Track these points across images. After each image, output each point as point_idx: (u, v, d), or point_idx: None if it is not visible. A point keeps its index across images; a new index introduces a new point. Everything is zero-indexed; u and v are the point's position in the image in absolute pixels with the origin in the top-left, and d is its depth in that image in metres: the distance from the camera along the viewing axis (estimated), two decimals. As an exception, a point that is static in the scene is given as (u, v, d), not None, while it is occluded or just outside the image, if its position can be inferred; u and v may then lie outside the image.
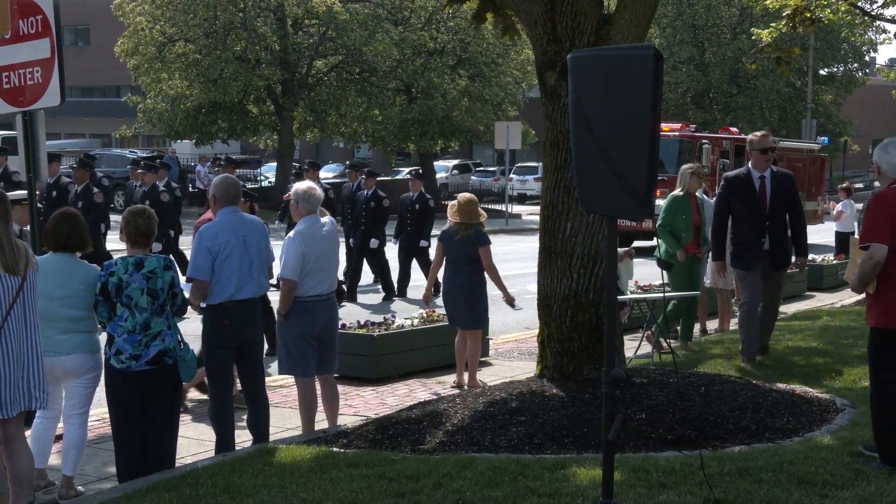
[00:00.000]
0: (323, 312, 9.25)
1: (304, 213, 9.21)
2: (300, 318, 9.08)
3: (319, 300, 9.17)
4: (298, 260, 8.94)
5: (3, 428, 6.76)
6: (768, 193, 11.15)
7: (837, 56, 54.46)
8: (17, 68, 9.39)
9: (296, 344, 9.11)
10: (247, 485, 7.20)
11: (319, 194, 9.48)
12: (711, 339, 13.61)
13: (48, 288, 7.40)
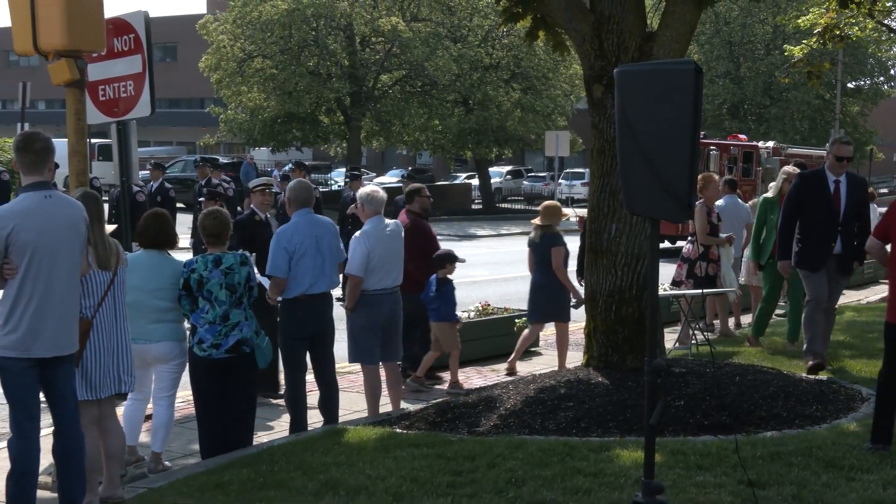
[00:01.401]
0: (388, 305, 9.30)
1: (371, 214, 9.28)
2: (367, 310, 9.13)
3: (384, 293, 9.23)
4: (364, 257, 9.00)
5: (96, 408, 6.85)
6: (843, 196, 10.25)
7: (864, 70, 53.88)
8: (112, 82, 9.48)
9: (362, 334, 9.16)
10: (318, 462, 7.23)
11: (382, 196, 9.53)
12: (746, 333, 13.47)
13: (140, 281, 7.49)
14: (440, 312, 10.55)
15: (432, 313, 10.64)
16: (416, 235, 10.74)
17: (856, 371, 10.31)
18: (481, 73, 41.27)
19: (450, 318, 10.66)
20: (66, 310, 6.23)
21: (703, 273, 12.73)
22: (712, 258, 12.76)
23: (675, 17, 9.21)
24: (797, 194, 10.30)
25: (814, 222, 10.17)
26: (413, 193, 11.47)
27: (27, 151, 6.25)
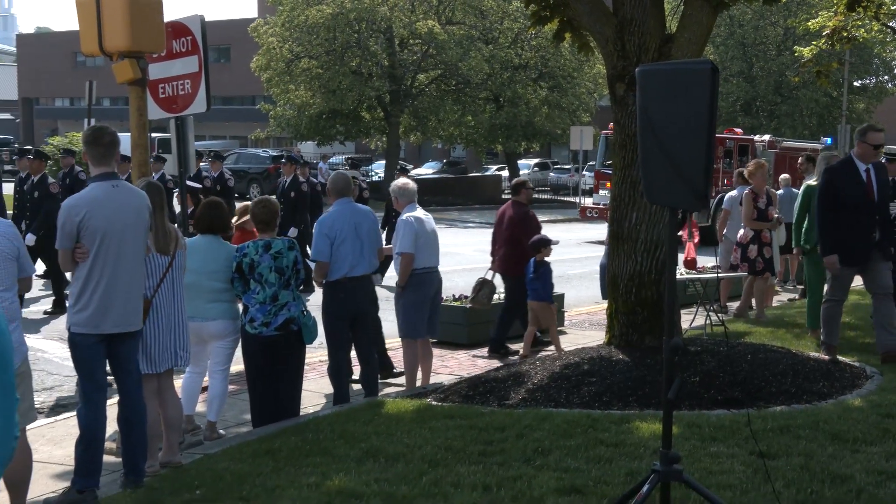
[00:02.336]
0: (433, 282, 9.38)
1: (406, 203, 9.35)
2: (417, 288, 9.18)
3: (431, 272, 9.32)
4: (413, 237, 9.08)
5: (156, 381, 6.91)
6: (874, 184, 9.55)
7: (869, 69, 53.28)
8: (171, 81, 9.52)
9: (413, 308, 9.19)
10: (359, 431, 7.27)
11: (413, 187, 9.63)
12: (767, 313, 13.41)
13: (197, 264, 7.54)
14: (539, 293, 10.77)
15: (532, 293, 10.89)
16: (523, 223, 11.17)
17: (860, 351, 10.23)
18: (511, 72, 41.19)
19: (547, 297, 10.89)
20: (132, 290, 6.28)
21: (756, 255, 12.63)
22: (765, 241, 12.65)
23: (692, 20, 9.18)
24: (831, 187, 9.55)
25: (852, 214, 9.44)
26: (519, 186, 11.79)
27: (96, 144, 6.31)
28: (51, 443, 7.69)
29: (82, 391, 6.28)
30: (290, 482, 6.12)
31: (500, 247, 11.52)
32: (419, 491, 5.90)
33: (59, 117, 72.68)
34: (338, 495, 5.83)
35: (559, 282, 13.51)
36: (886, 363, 9.28)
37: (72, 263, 6.17)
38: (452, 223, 32.16)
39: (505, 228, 11.42)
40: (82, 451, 6.16)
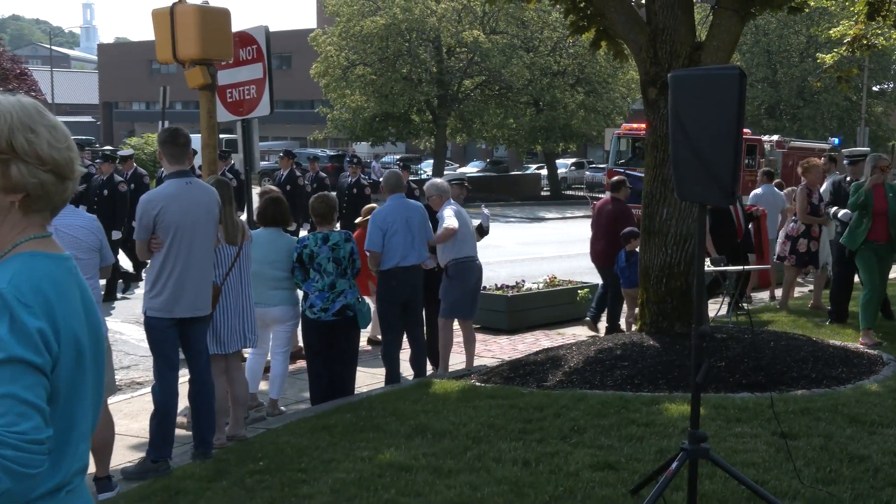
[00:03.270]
0: (475, 270, 9.39)
1: (442, 201, 9.35)
2: (462, 274, 9.19)
3: (472, 260, 9.35)
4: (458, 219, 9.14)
5: (224, 361, 6.97)
6: None
7: (888, 75, 52.46)
8: (238, 86, 9.60)
9: (455, 292, 9.19)
10: (409, 409, 7.29)
11: (447, 186, 9.64)
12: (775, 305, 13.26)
13: (261, 254, 7.59)
14: (631, 280, 10.75)
15: (625, 281, 10.99)
16: (622, 218, 11.35)
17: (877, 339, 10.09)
18: (550, 78, 41.03)
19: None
20: (202, 278, 6.34)
21: (805, 249, 12.43)
22: (814, 236, 12.43)
23: (720, 28, 9.09)
24: None
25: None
26: (619, 184, 11.88)
27: (172, 144, 6.37)
28: (127, 417, 7.79)
29: (156, 370, 6.35)
30: (344, 455, 6.15)
31: (598, 240, 11.56)
32: (464, 465, 5.91)
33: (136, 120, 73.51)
34: (388, 468, 5.85)
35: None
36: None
37: (148, 253, 6.24)
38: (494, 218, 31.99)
39: (604, 223, 11.46)
40: (156, 425, 6.23)
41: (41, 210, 2.24)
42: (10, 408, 1.98)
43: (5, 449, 1.95)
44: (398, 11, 38.78)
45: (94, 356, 2.24)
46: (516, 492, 5.40)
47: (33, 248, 2.19)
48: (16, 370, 2.00)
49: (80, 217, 6.02)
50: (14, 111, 2.18)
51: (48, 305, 2.09)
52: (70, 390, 2.15)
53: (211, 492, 5.60)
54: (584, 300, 12.65)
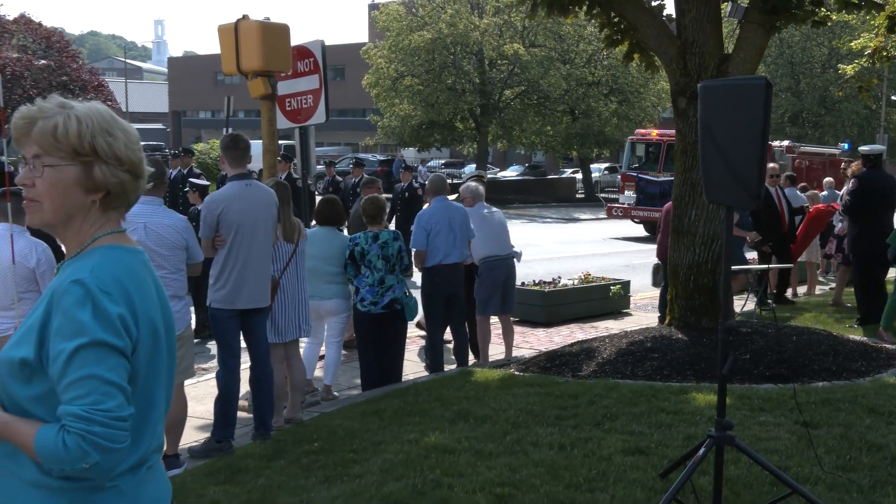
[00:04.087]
0: (503, 268, 9.31)
1: (477, 201, 9.30)
2: (490, 272, 9.17)
3: (501, 259, 9.29)
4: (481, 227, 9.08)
5: (283, 349, 7.02)
6: None
7: (907, 84, 51.55)
8: (296, 96, 9.65)
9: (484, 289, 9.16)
10: (452, 396, 7.29)
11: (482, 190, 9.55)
12: (801, 302, 13.08)
13: (316, 251, 7.64)
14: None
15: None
16: None
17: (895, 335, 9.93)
18: (585, 88, 40.84)
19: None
20: (262, 273, 6.39)
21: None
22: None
23: (747, 41, 8.99)
24: None
25: None
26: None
27: (234, 149, 6.43)
28: (194, 400, 7.86)
29: (220, 357, 6.41)
30: (393, 438, 6.17)
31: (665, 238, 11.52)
32: (503, 448, 5.91)
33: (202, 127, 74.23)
34: (433, 450, 5.86)
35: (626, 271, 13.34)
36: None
37: (212, 250, 6.30)
38: (532, 219, 32.04)
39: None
40: (220, 408, 6.29)
41: (118, 207, 2.28)
42: (96, 388, 2.01)
43: (94, 426, 1.99)
44: (444, 27, 38.83)
45: (167, 342, 2.28)
46: (552, 474, 5.38)
47: (111, 242, 2.23)
48: (100, 353, 2.03)
49: (170, 217, 6.04)
50: (94, 117, 2.21)
51: (127, 293, 2.13)
52: (148, 372, 2.19)
53: (270, 469, 5.65)
54: (616, 296, 12.59)
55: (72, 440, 1.98)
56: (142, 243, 5.75)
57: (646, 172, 23.62)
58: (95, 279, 2.09)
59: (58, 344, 2.03)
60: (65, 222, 2.22)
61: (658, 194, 23.18)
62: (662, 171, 23.58)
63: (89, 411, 1.99)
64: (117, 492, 2.13)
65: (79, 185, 2.19)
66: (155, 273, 2.33)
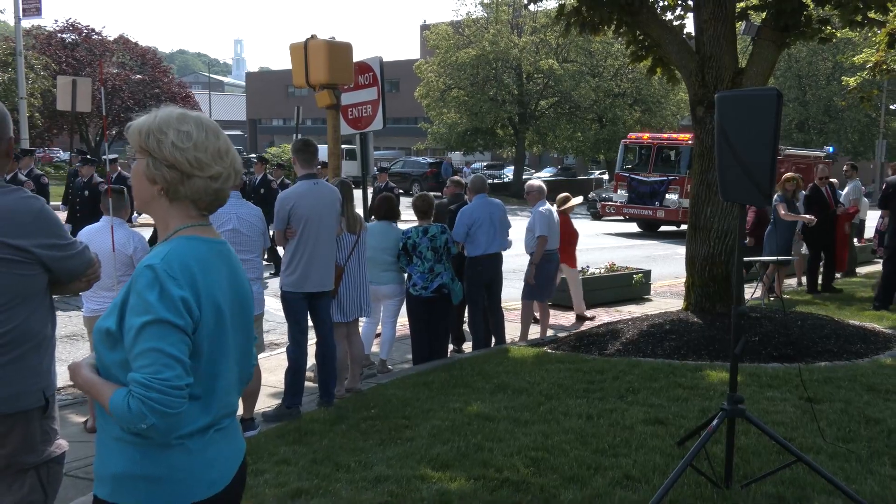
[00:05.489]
0: (555, 261, 9.32)
1: (539, 199, 9.26)
2: (546, 265, 9.12)
3: (554, 253, 9.28)
4: (548, 225, 9.04)
5: (345, 327, 7.05)
6: None
7: (904, 95, 50.28)
8: (357, 106, 9.70)
9: (538, 280, 9.12)
10: (492, 370, 7.29)
11: (543, 186, 9.48)
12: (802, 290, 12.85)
13: (374, 242, 7.66)
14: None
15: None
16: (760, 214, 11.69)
17: (891, 320, 9.73)
18: (612, 99, 40.45)
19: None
20: (327, 260, 6.43)
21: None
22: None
23: (759, 56, 8.85)
24: None
25: None
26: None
27: (305, 152, 6.47)
28: (267, 371, 7.94)
29: (290, 334, 6.47)
30: (440, 406, 6.18)
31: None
32: (538, 417, 5.89)
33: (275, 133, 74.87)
34: (476, 418, 5.86)
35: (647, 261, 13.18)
36: None
37: (284, 240, 6.35)
38: (564, 214, 31.74)
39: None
40: (290, 378, 6.35)
41: (180, 199, 2.24)
42: (157, 359, 2.05)
43: (151, 392, 2.03)
44: (487, 45, 38.73)
45: (237, 322, 2.29)
46: (581, 440, 5.36)
47: (190, 234, 2.24)
48: (163, 329, 2.07)
49: (253, 207, 6.21)
50: (156, 119, 2.22)
51: (193, 279, 2.14)
52: (212, 348, 2.19)
53: (333, 433, 5.69)
54: (639, 284, 12.47)
55: (134, 403, 2.04)
56: (237, 231, 5.86)
57: (637, 173, 23.02)
58: (165, 265, 2.12)
59: (131, 319, 2.09)
60: (145, 208, 2.28)
61: (648, 193, 22.47)
62: (652, 171, 22.81)
63: (150, 379, 2.04)
64: (185, 449, 2.17)
65: (144, 176, 2.23)
66: (235, 262, 2.34)
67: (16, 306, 2.96)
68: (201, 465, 2.19)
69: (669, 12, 10.24)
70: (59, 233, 3.04)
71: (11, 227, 2.91)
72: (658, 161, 22.82)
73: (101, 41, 44.41)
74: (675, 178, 21.76)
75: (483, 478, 4.70)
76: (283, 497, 4.49)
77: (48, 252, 2.99)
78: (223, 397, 2.25)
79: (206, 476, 2.20)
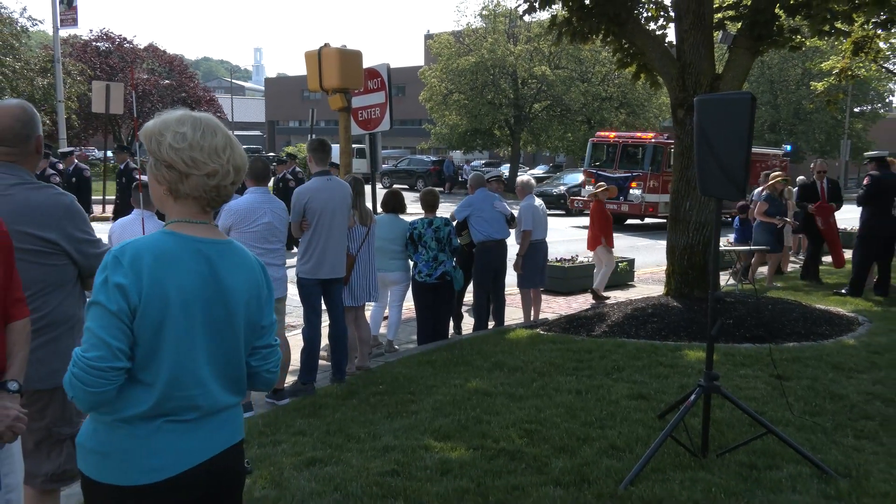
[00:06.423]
0: (543, 250, 9.25)
1: (526, 193, 9.23)
2: (533, 254, 9.09)
3: (541, 242, 9.20)
4: (531, 218, 8.98)
5: (355, 311, 7.05)
6: None
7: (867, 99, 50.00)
8: (367, 109, 9.67)
9: (528, 269, 9.11)
10: (490, 350, 7.29)
11: (533, 183, 9.48)
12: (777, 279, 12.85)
13: (383, 233, 7.64)
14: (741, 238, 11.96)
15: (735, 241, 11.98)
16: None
17: (854, 304, 9.72)
18: (600, 102, 40.29)
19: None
20: (339, 250, 6.42)
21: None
22: None
23: (735, 63, 8.81)
24: None
25: None
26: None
27: (320, 151, 6.46)
28: (285, 350, 7.98)
29: (305, 317, 6.47)
30: (442, 382, 6.19)
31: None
32: (531, 392, 5.90)
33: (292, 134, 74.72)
34: (475, 393, 5.87)
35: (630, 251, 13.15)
36: None
37: (300, 231, 6.34)
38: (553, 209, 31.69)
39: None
40: (305, 357, 6.36)
41: (184, 199, 2.15)
42: (88, 338, 2.03)
43: (75, 368, 2.02)
44: (485, 52, 38.64)
45: (214, 321, 2.13)
46: (570, 413, 5.36)
47: (172, 228, 2.14)
48: (97, 311, 2.02)
49: (280, 201, 6.16)
50: (158, 123, 2.15)
51: (139, 268, 2.02)
52: (159, 339, 2.05)
53: (345, 406, 5.70)
54: (623, 271, 12.46)
55: (67, 376, 2.03)
56: (271, 224, 5.86)
57: (604, 170, 22.74)
58: (119, 252, 2.04)
59: None
60: (160, 207, 2.21)
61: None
62: (618, 168, 22.40)
63: (78, 356, 2.02)
64: (129, 433, 2.06)
65: (153, 177, 2.17)
66: (222, 262, 2.16)
67: (49, 293, 2.98)
68: (144, 451, 2.06)
69: (653, 23, 10.19)
70: (84, 228, 3.07)
71: (42, 220, 2.93)
72: (623, 158, 22.56)
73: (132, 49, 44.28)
74: (639, 175, 21.59)
75: (481, 447, 4.71)
76: (300, 465, 4.51)
77: (74, 245, 3.01)
78: (182, 390, 2.08)
79: (147, 462, 2.05)
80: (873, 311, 9.24)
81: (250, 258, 2.26)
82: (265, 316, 2.27)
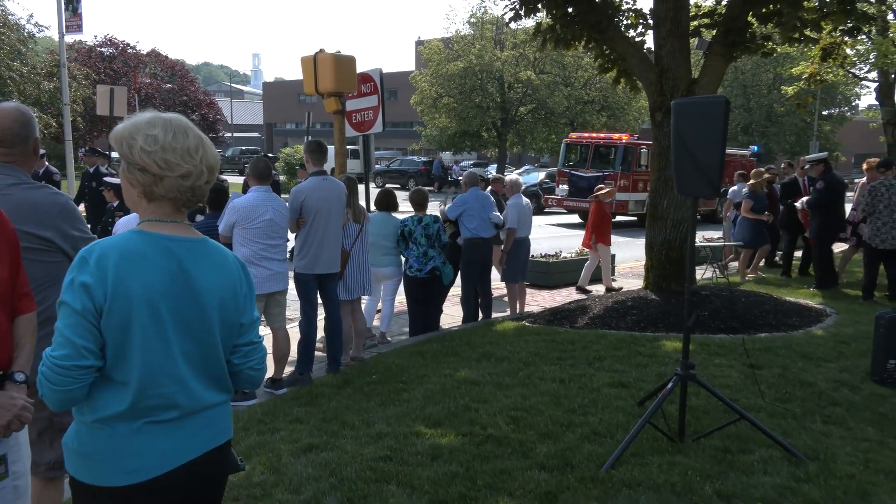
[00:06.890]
0: (526, 246, 9.25)
1: (515, 192, 9.23)
2: (517, 250, 9.10)
3: (525, 239, 9.20)
4: (517, 216, 8.98)
5: (350, 304, 7.04)
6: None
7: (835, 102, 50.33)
8: (360, 111, 9.64)
9: (513, 264, 9.12)
10: (478, 340, 7.30)
11: (521, 181, 9.49)
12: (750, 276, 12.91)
13: (376, 230, 7.63)
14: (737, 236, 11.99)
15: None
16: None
17: (823, 297, 9.77)
18: (582, 105, 40.36)
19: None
20: (334, 246, 6.41)
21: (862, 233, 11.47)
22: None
23: (710, 69, 8.84)
24: None
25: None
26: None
27: (317, 152, 6.44)
28: (283, 342, 7.95)
29: (302, 310, 6.45)
30: (433, 372, 6.20)
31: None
32: (517, 381, 5.91)
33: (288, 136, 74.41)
34: (464, 382, 5.88)
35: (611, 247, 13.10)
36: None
37: (297, 228, 6.32)
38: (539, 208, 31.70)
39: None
40: (302, 348, 6.34)
41: (158, 200, 2.06)
42: (56, 337, 1.95)
43: (43, 366, 1.95)
44: (473, 58, 38.65)
45: (187, 321, 2.03)
46: (555, 401, 5.38)
47: (143, 228, 2.05)
48: (64, 310, 1.95)
49: (279, 201, 6.13)
50: (128, 127, 2.05)
51: (104, 268, 1.93)
52: (123, 337, 1.96)
53: (340, 395, 5.70)
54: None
55: (39, 374, 1.96)
56: (273, 220, 5.84)
57: (577, 169, 22.66)
58: (88, 251, 1.96)
59: None
60: (134, 209, 2.12)
61: (586, 188, 21.22)
62: (590, 168, 22.24)
63: (46, 355, 1.95)
64: (109, 434, 1.98)
65: (126, 180, 2.08)
66: (193, 262, 2.05)
67: (48, 287, 2.97)
68: (125, 452, 1.97)
69: (632, 30, 10.20)
70: (79, 226, 3.07)
71: (38, 218, 2.93)
72: (595, 158, 22.51)
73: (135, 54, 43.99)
74: (610, 174, 21.56)
75: (470, 434, 4.72)
76: (297, 451, 4.50)
77: (70, 242, 3.01)
78: (157, 388, 1.98)
79: (128, 463, 1.96)
80: (840, 304, 9.29)
81: (226, 256, 2.14)
82: (245, 314, 2.15)
